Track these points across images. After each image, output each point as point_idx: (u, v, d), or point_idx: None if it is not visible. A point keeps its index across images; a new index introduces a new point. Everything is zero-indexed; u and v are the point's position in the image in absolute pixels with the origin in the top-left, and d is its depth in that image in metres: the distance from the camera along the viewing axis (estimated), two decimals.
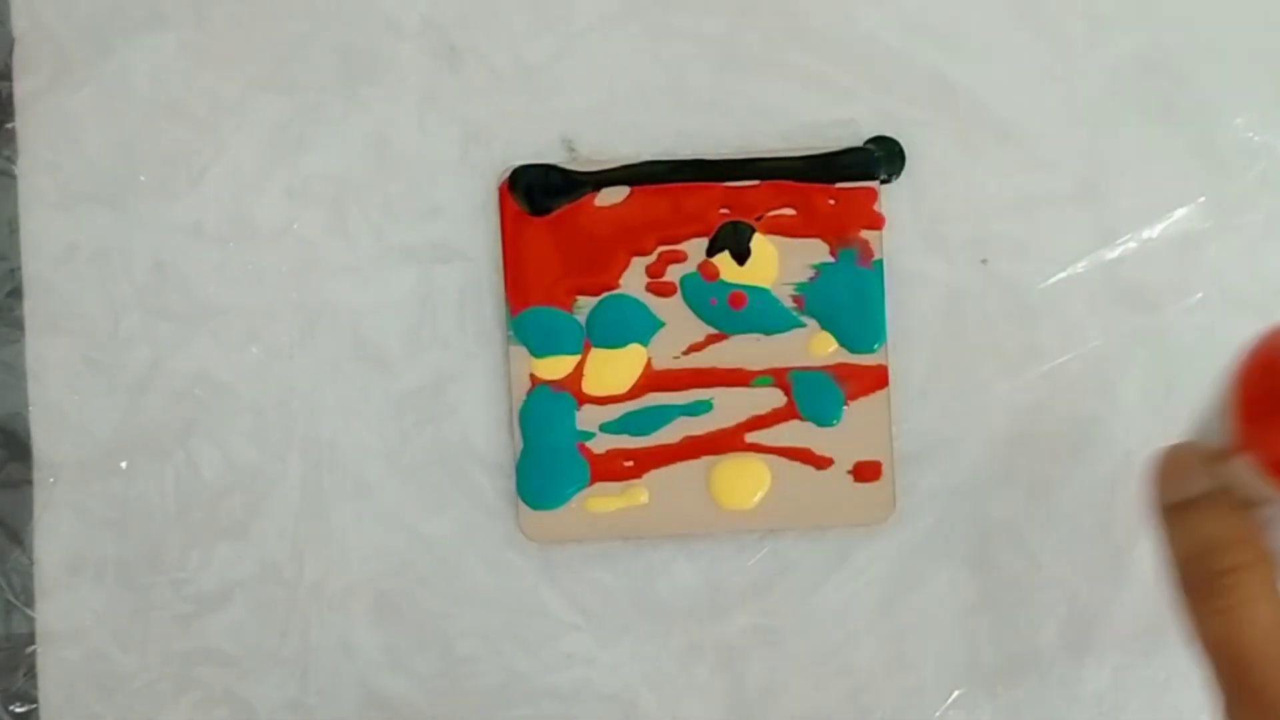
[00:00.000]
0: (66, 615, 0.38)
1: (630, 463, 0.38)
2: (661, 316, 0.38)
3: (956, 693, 0.38)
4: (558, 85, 0.39)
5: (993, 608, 0.38)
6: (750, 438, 0.38)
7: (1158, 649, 0.37)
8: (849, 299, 0.38)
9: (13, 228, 0.39)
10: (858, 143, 0.38)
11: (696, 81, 0.39)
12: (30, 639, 0.38)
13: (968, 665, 0.38)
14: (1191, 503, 0.25)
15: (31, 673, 0.38)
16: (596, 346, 0.38)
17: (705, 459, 0.38)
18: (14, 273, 0.39)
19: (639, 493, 0.38)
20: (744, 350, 0.38)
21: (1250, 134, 0.38)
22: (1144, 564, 0.37)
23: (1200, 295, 0.38)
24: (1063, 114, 0.38)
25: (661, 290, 0.38)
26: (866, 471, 0.38)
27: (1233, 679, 0.24)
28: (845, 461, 0.38)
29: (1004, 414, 0.38)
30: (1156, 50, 0.38)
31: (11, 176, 0.39)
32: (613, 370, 0.38)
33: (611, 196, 0.38)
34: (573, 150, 0.39)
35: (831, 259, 0.38)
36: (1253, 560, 0.24)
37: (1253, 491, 0.24)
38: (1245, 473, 0.24)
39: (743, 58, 0.39)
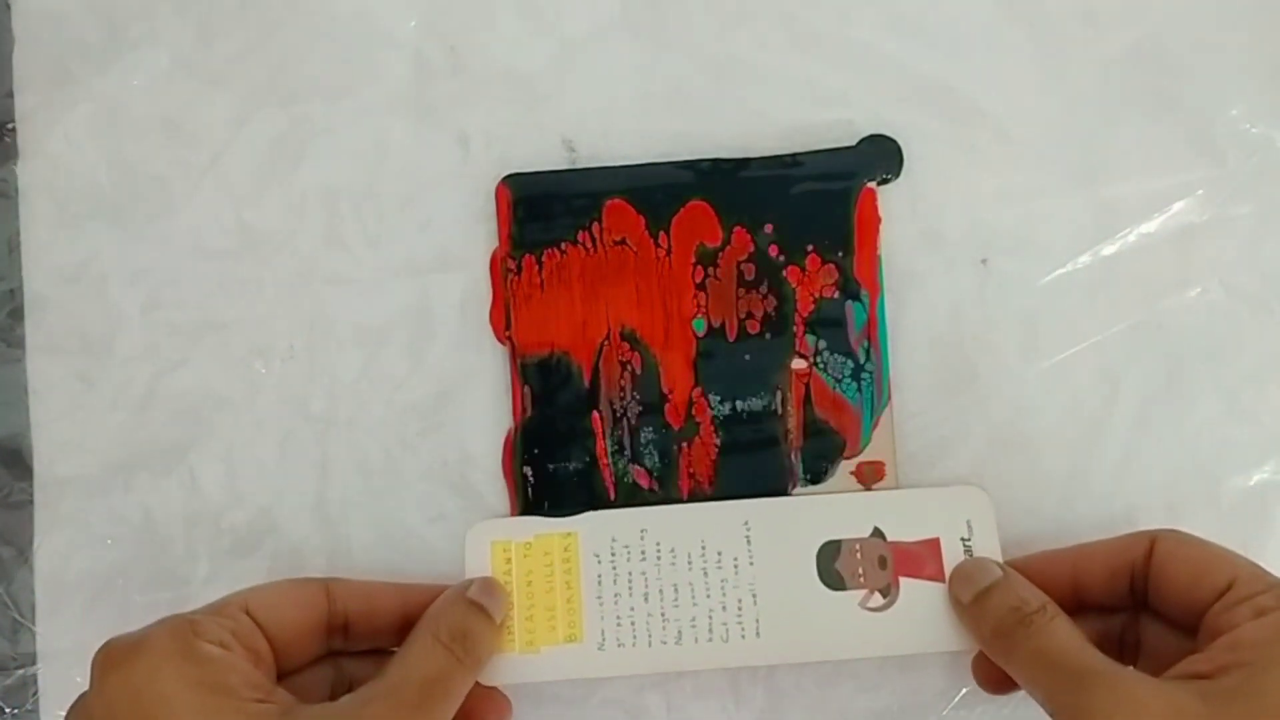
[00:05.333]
0: (69, 633, 0.38)
1: None
2: None
3: (963, 691, 0.38)
4: (555, 92, 0.39)
5: None
6: None
7: None
8: None
9: (12, 246, 0.39)
10: (854, 143, 0.38)
11: (694, 84, 0.39)
12: (36, 658, 0.39)
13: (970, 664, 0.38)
14: (987, 588, 0.34)
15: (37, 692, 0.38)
16: None
17: None
18: (14, 292, 0.39)
19: None
20: None
21: (1247, 125, 0.38)
22: None
23: (1199, 289, 0.38)
24: (1059, 110, 0.38)
25: None
26: (868, 471, 0.38)
27: (1052, 681, 0.30)
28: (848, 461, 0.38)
29: (1004, 413, 0.38)
30: (1152, 44, 0.38)
31: (10, 197, 0.39)
32: None
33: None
34: (573, 151, 0.39)
35: None
36: (1047, 604, 0.32)
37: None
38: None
39: (739, 60, 0.39)
